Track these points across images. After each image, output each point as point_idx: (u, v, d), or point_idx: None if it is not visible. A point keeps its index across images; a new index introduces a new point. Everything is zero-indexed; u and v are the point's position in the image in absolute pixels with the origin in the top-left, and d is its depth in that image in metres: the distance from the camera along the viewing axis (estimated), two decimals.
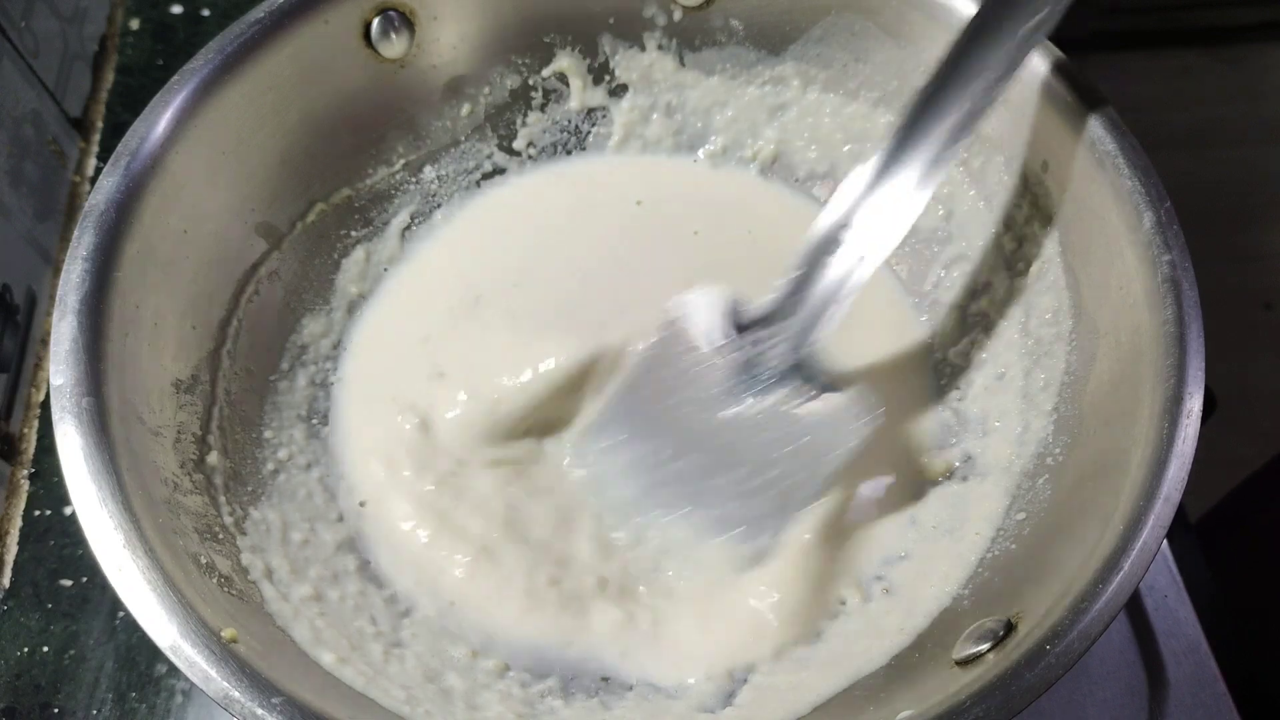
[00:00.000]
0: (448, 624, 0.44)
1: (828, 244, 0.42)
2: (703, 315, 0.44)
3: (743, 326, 0.44)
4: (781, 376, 0.43)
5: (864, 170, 0.42)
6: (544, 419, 0.49)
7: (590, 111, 0.58)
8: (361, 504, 0.47)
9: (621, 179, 0.58)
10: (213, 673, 0.33)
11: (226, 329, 0.47)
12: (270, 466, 0.46)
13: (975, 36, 0.41)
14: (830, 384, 0.43)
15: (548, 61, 0.56)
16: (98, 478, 0.36)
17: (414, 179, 0.55)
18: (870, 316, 0.53)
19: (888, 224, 0.42)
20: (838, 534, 0.47)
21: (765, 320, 0.43)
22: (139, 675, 0.49)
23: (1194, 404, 0.37)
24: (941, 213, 0.53)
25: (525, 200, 0.57)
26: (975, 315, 0.51)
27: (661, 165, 0.58)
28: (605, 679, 0.43)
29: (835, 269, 0.42)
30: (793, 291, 0.43)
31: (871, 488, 0.48)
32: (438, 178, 0.56)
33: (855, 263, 0.42)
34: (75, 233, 0.41)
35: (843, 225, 0.42)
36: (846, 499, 0.47)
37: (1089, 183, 0.44)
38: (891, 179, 0.42)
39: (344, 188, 0.53)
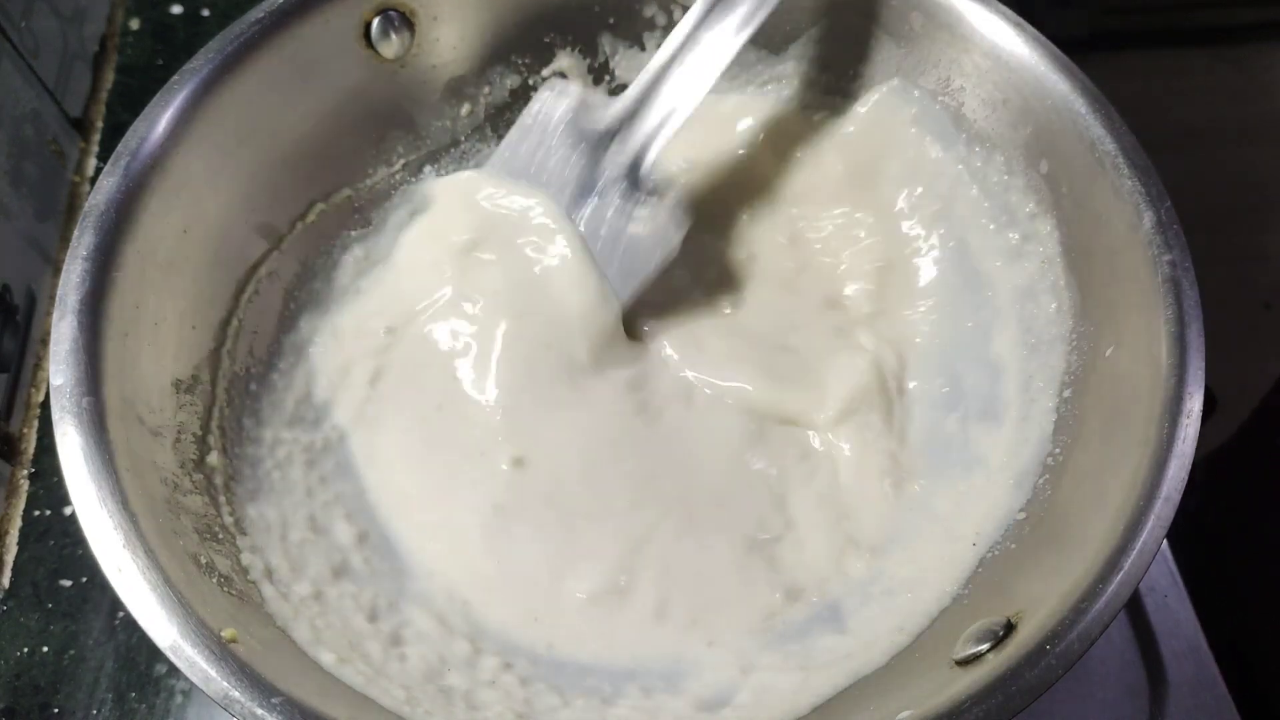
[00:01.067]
0: (453, 621, 0.44)
1: (668, 68, 0.49)
2: (566, 106, 0.50)
3: (591, 123, 0.49)
4: (621, 181, 0.49)
5: (699, 6, 0.49)
6: None
7: None
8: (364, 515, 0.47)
9: None
10: (213, 673, 0.33)
11: (226, 329, 0.47)
12: (269, 466, 0.46)
13: None
14: (657, 191, 0.49)
15: (548, 61, 0.56)
16: (98, 478, 0.36)
17: (414, 179, 0.55)
18: (868, 322, 0.53)
19: (713, 57, 0.49)
20: (837, 530, 0.47)
21: (611, 129, 0.49)
22: (139, 675, 0.49)
23: (1194, 404, 0.37)
24: (940, 218, 0.53)
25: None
26: (975, 316, 0.51)
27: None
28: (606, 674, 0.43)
29: (667, 94, 0.49)
30: (633, 107, 0.49)
31: (873, 487, 0.48)
32: (438, 178, 0.56)
33: (685, 89, 0.49)
34: (75, 233, 0.41)
35: (678, 55, 0.49)
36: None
37: (1089, 183, 0.44)
38: (722, 17, 0.49)
39: (344, 188, 0.53)
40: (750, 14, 0.48)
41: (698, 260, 0.53)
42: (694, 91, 0.48)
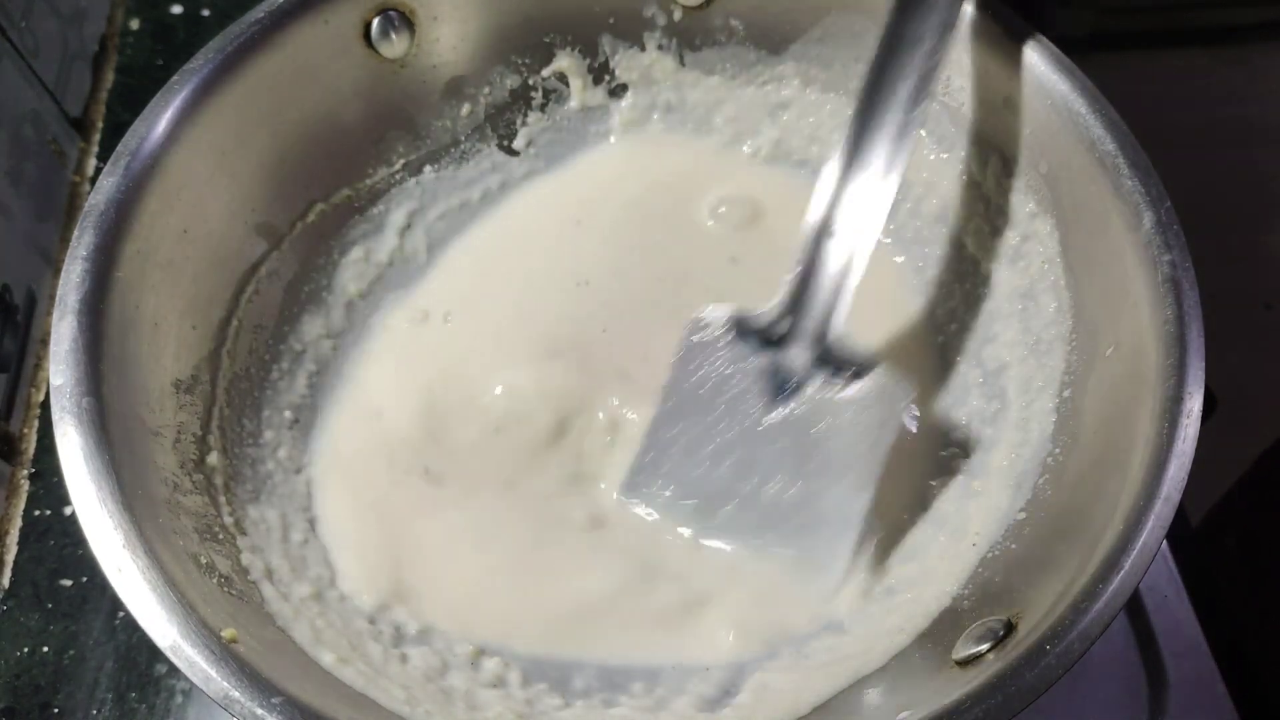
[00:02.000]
0: (454, 621, 0.44)
1: (820, 238, 0.44)
2: (718, 329, 0.44)
3: (758, 332, 0.44)
4: (810, 373, 0.44)
5: (836, 160, 0.43)
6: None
7: (590, 111, 0.58)
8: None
9: (621, 178, 0.58)
10: (213, 673, 0.33)
11: (226, 329, 0.47)
12: (270, 466, 0.46)
13: (905, 6, 0.43)
14: (859, 369, 0.43)
15: (548, 61, 0.56)
16: (98, 478, 0.36)
17: (414, 179, 0.55)
18: (869, 320, 0.53)
19: (869, 208, 0.43)
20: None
21: (777, 323, 0.44)
22: (139, 675, 0.49)
23: (1194, 404, 0.37)
24: (940, 218, 0.53)
25: (524, 200, 0.57)
26: (976, 316, 0.51)
27: (662, 164, 0.58)
28: (609, 673, 0.43)
29: (832, 261, 0.43)
30: (798, 290, 0.44)
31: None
32: (438, 178, 0.56)
33: (849, 252, 0.43)
34: (75, 233, 0.41)
35: (829, 218, 0.43)
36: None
37: (1089, 183, 0.44)
38: (862, 163, 0.43)
39: (344, 188, 0.53)
40: (894, 152, 0.43)
41: None
42: (860, 247, 0.43)
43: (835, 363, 0.44)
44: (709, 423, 0.44)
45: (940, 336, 0.52)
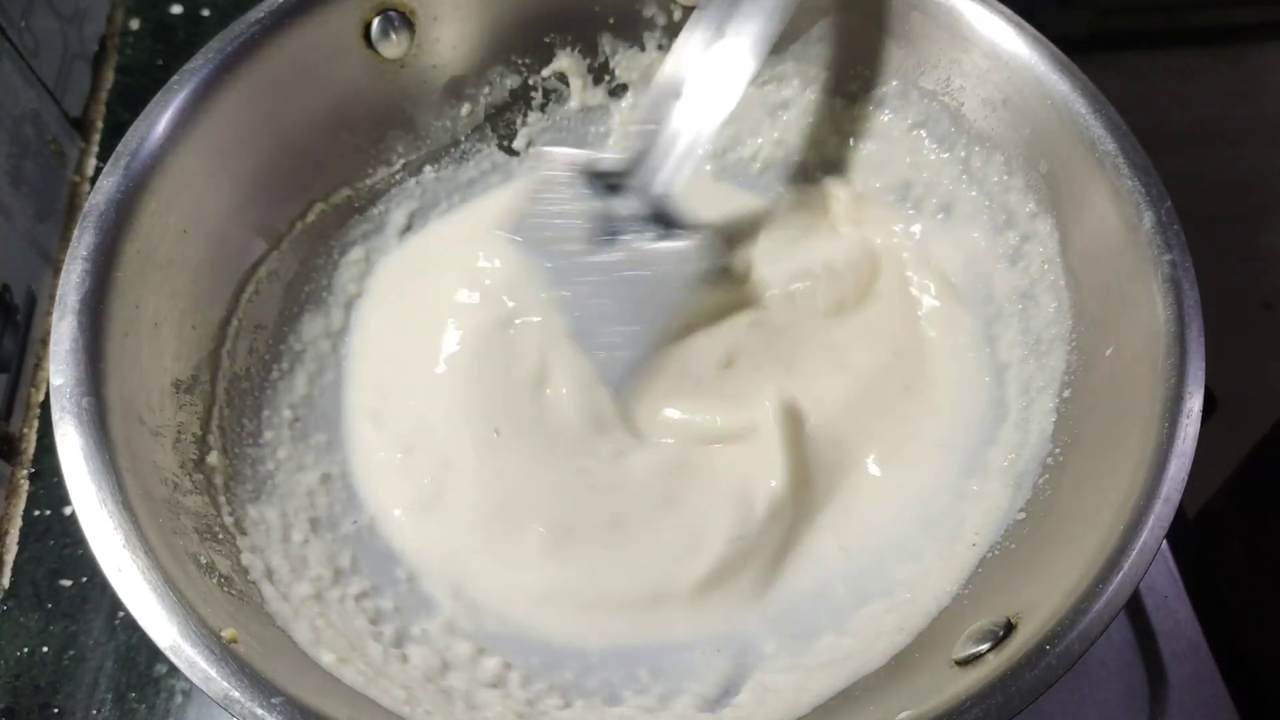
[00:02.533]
0: (454, 621, 0.44)
1: (667, 98, 0.46)
2: (565, 165, 0.47)
3: (601, 177, 0.47)
4: (639, 223, 0.46)
5: (698, 21, 0.46)
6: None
7: (590, 111, 0.58)
8: (358, 521, 0.47)
9: None
10: (213, 673, 0.33)
11: (226, 329, 0.47)
12: (270, 466, 0.46)
13: None
14: (680, 227, 0.46)
15: (548, 61, 0.56)
16: (98, 478, 0.36)
17: (414, 179, 0.55)
18: (872, 319, 0.53)
19: (723, 81, 0.45)
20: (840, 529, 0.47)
21: (620, 174, 0.47)
22: (139, 675, 0.49)
23: (1194, 404, 0.37)
24: (940, 218, 0.53)
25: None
26: (975, 315, 0.51)
27: None
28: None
29: (676, 124, 0.46)
30: (644, 145, 0.46)
31: (873, 487, 0.48)
32: (438, 178, 0.56)
33: (694, 119, 0.45)
34: (75, 233, 0.41)
35: (679, 79, 0.46)
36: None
37: (1089, 183, 0.44)
38: (723, 33, 0.45)
39: (344, 188, 0.53)
40: (759, 34, 0.45)
41: None
42: (707, 118, 0.45)
43: (664, 220, 0.46)
44: (548, 249, 0.48)
45: (939, 337, 0.52)
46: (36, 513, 0.53)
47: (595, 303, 0.46)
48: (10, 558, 0.51)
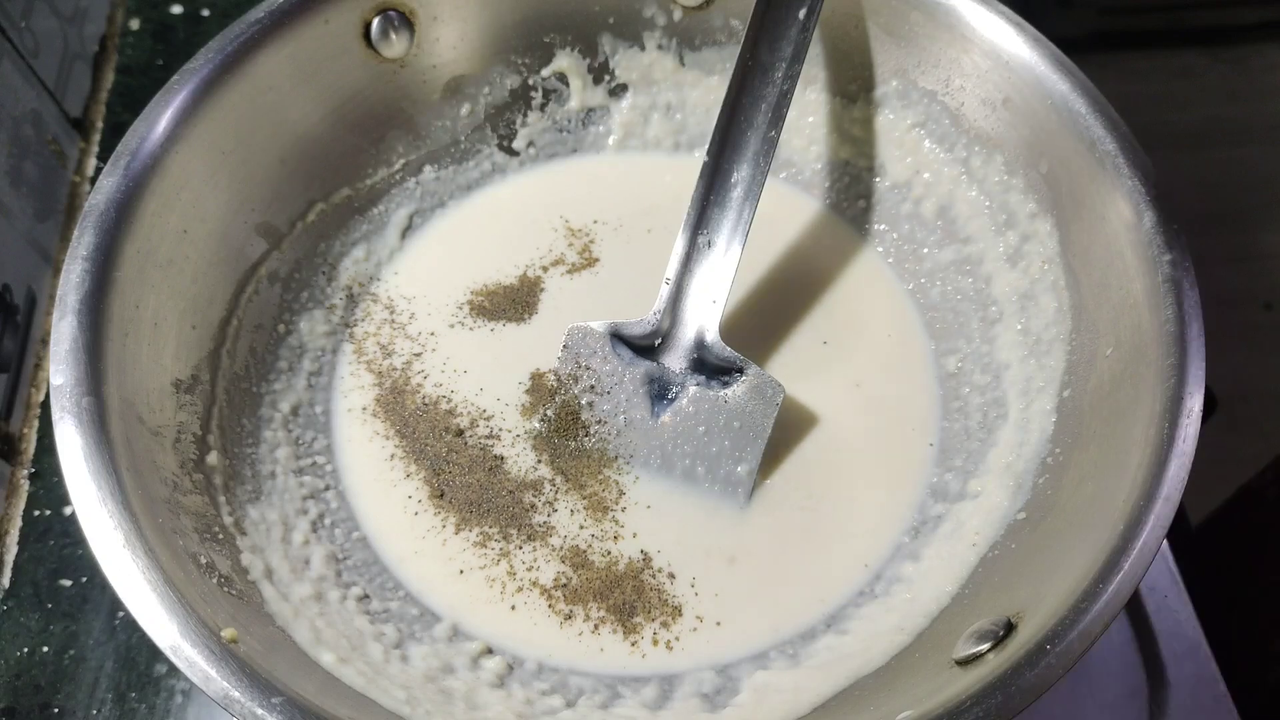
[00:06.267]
0: (456, 621, 0.44)
1: (689, 253, 0.48)
2: (595, 342, 0.47)
3: (632, 341, 0.48)
4: (687, 378, 0.47)
5: (697, 184, 0.47)
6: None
7: (590, 111, 0.58)
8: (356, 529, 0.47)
9: (621, 179, 0.58)
10: (213, 673, 0.33)
11: (226, 329, 0.47)
12: (269, 467, 0.46)
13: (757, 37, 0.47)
14: (736, 370, 0.46)
15: (548, 61, 0.56)
16: (98, 478, 0.36)
17: (414, 179, 0.55)
18: (870, 318, 0.53)
19: (732, 226, 0.47)
20: (839, 532, 0.47)
21: (651, 338, 0.48)
22: (139, 675, 0.49)
23: (1194, 404, 0.37)
24: (940, 218, 0.53)
25: (525, 200, 0.57)
26: (976, 316, 0.51)
27: (661, 165, 0.58)
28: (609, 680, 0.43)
29: (701, 277, 0.47)
30: (670, 304, 0.48)
31: (873, 486, 0.48)
32: (438, 178, 0.56)
33: (717, 268, 0.47)
34: (75, 233, 0.41)
35: (695, 237, 0.48)
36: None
37: (1089, 183, 0.44)
38: (724, 184, 0.48)
39: (344, 188, 0.53)
40: (752, 176, 0.47)
41: None
42: (725, 265, 0.47)
43: (709, 369, 0.47)
44: (598, 423, 0.48)
45: (941, 337, 0.52)
46: (36, 513, 0.53)
47: (682, 449, 0.47)
48: (10, 558, 0.51)
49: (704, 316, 0.47)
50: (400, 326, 0.52)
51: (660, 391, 0.47)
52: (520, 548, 0.46)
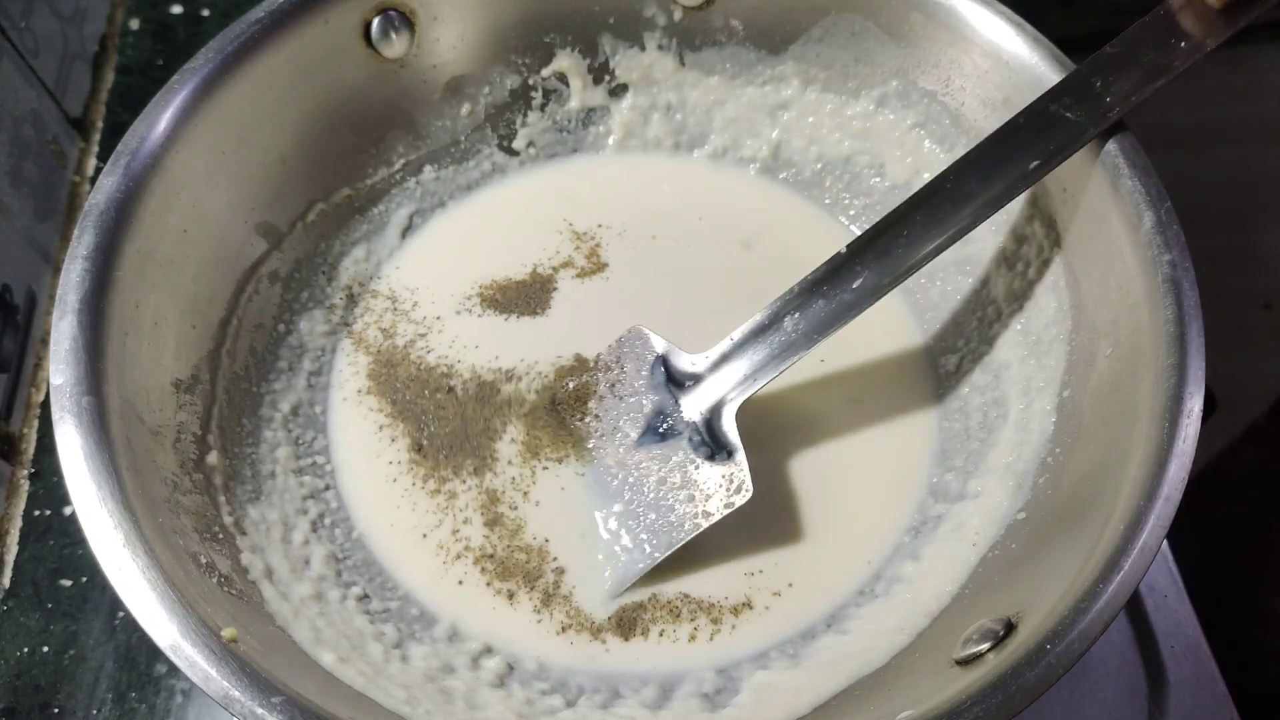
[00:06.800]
0: (455, 622, 0.44)
1: (761, 331, 0.46)
2: (646, 349, 0.48)
3: (674, 372, 0.47)
4: (687, 430, 0.46)
5: (821, 267, 0.45)
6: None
7: (590, 111, 0.58)
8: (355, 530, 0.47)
9: (621, 179, 0.58)
10: (213, 673, 0.33)
11: (226, 329, 0.47)
12: (269, 466, 0.46)
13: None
14: (722, 453, 0.45)
15: (548, 61, 0.56)
16: (98, 478, 0.36)
17: (414, 179, 0.55)
18: (869, 320, 0.53)
19: (811, 332, 0.45)
20: (840, 531, 0.47)
21: (688, 377, 0.47)
22: (139, 675, 0.49)
23: (1194, 404, 0.37)
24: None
25: (525, 200, 0.57)
26: (975, 316, 0.51)
27: (662, 165, 0.58)
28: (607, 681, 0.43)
29: (756, 356, 0.46)
30: (721, 359, 0.46)
31: (873, 487, 0.48)
32: (438, 177, 0.56)
33: (770, 359, 0.45)
34: (75, 232, 0.41)
35: (779, 319, 0.45)
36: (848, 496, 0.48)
37: (1089, 182, 0.44)
38: (837, 286, 0.45)
39: (344, 188, 0.53)
40: (840, 311, 0.45)
41: None
42: (783, 361, 0.45)
43: (713, 434, 0.46)
44: (603, 416, 0.48)
45: (941, 337, 0.52)
46: (36, 513, 0.53)
47: (625, 492, 0.46)
48: (10, 558, 0.51)
49: (736, 389, 0.46)
50: (403, 313, 0.53)
51: (657, 425, 0.47)
52: (493, 525, 0.46)
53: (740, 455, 0.45)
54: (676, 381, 0.47)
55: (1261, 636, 0.63)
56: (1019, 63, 0.47)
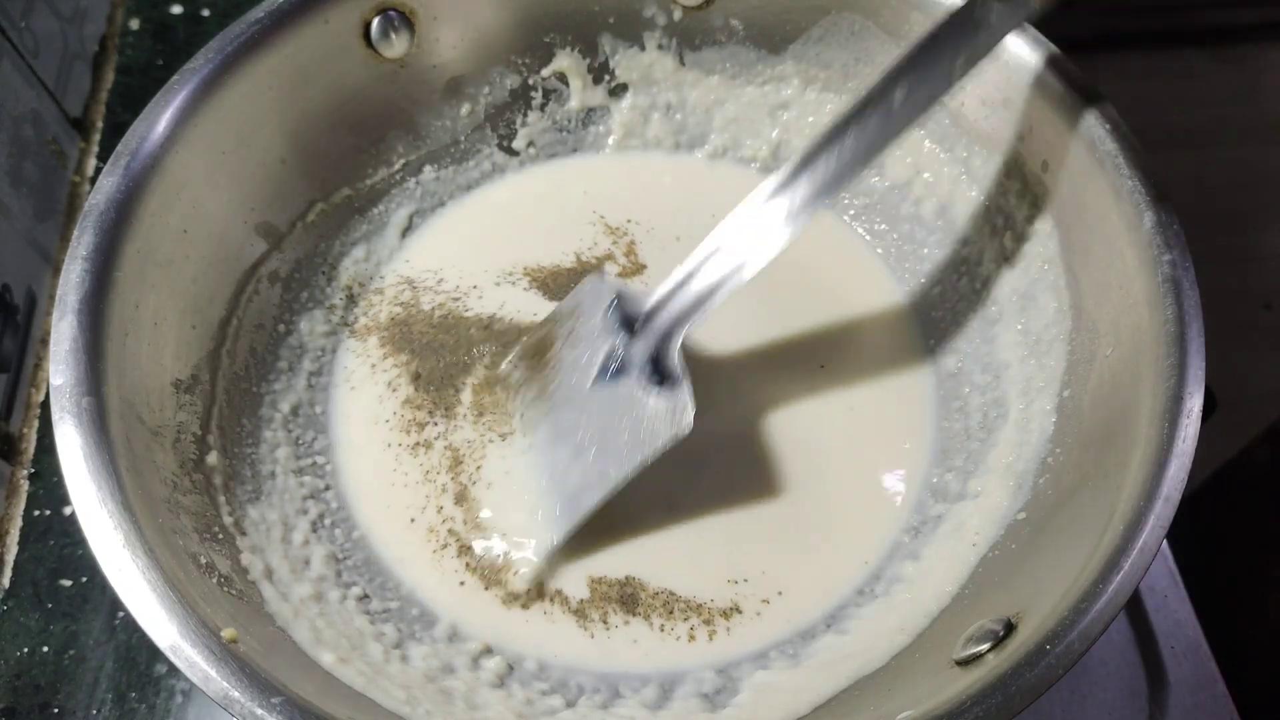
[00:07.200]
0: (454, 621, 0.44)
1: (706, 259, 0.45)
2: (600, 298, 0.47)
3: (625, 316, 0.47)
4: (637, 369, 0.46)
5: (756, 194, 0.45)
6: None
7: (590, 111, 0.58)
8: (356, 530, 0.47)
9: (621, 179, 0.58)
10: (213, 673, 0.33)
11: (226, 329, 0.47)
12: (269, 467, 0.46)
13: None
14: (668, 381, 0.45)
15: (548, 61, 0.56)
16: (98, 478, 0.36)
17: (414, 179, 0.55)
18: (870, 318, 0.53)
19: (760, 245, 0.44)
20: (840, 531, 0.47)
21: (642, 317, 0.47)
22: (139, 675, 0.49)
23: (1194, 404, 0.37)
24: (940, 219, 0.53)
25: (525, 200, 0.57)
26: (975, 315, 0.51)
27: (662, 165, 0.58)
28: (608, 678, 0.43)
29: (699, 283, 0.45)
30: (662, 301, 0.46)
31: (873, 487, 0.48)
32: (438, 177, 0.56)
33: (716, 281, 0.45)
34: (75, 233, 0.41)
35: (718, 247, 0.45)
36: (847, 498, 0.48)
37: (1089, 183, 0.44)
38: (774, 208, 0.44)
39: (344, 188, 0.53)
40: (805, 204, 0.44)
41: None
42: (721, 288, 0.45)
43: (661, 370, 0.46)
44: (559, 366, 0.48)
45: (941, 337, 0.52)
46: (36, 513, 0.53)
47: (577, 433, 0.46)
48: (10, 558, 0.51)
49: (680, 322, 0.46)
50: (429, 288, 0.53)
51: (608, 367, 0.46)
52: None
53: (684, 386, 0.44)
54: (629, 323, 0.47)
55: (1261, 636, 0.63)
56: (1019, 63, 0.47)
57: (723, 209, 0.45)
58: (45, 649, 0.49)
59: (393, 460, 0.48)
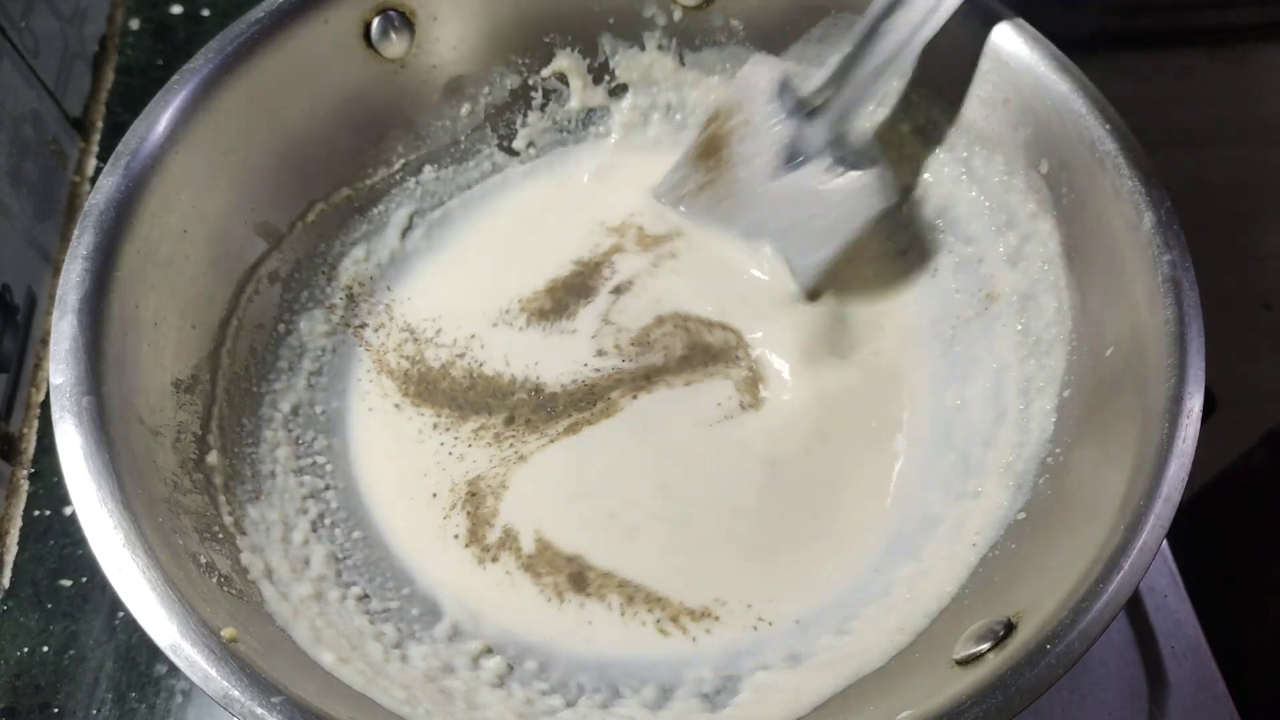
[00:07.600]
0: (460, 620, 0.44)
1: (874, 31, 0.46)
2: (766, 83, 0.48)
3: (798, 98, 0.47)
4: (820, 152, 0.47)
5: None
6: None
7: (590, 111, 0.58)
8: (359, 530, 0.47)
9: (621, 179, 0.58)
10: (213, 673, 0.33)
11: (226, 329, 0.47)
12: (269, 466, 0.46)
13: None
14: (856, 162, 0.46)
15: (548, 61, 0.56)
16: (98, 477, 0.36)
17: (414, 179, 0.55)
18: (869, 318, 0.53)
19: (924, 20, 0.45)
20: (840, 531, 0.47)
21: (814, 96, 0.47)
22: (139, 675, 0.49)
23: (1194, 404, 0.37)
24: (940, 219, 0.53)
25: (525, 200, 0.57)
26: (975, 315, 0.51)
27: (661, 165, 0.58)
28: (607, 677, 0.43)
29: (875, 57, 0.46)
30: (839, 72, 0.47)
31: (872, 487, 0.48)
32: (438, 177, 0.56)
33: (891, 52, 0.46)
34: (75, 232, 0.41)
35: (887, 17, 0.45)
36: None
37: (1089, 183, 0.44)
38: None
39: (344, 188, 0.53)
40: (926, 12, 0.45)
41: None
42: (899, 59, 0.46)
43: (844, 149, 0.47)
44: (731, 163, 0.49)
45: (941, 337, 0.52)
46: (36, 513, 0.53)
47: (777, 220, 0.48)
48: (10, 558, 0.51)
49: (871, 88, 0.46)
50: (428, 340, 0.52)
51: (791, 155, 0.47)
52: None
53: (882, 160, 0.46)
54: (802, 104, 0.47)
55: (1261, 637, 0.63)
56: (1019, 63, 0.47)
57: None
58: (45, 649, 0.49)
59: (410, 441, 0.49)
